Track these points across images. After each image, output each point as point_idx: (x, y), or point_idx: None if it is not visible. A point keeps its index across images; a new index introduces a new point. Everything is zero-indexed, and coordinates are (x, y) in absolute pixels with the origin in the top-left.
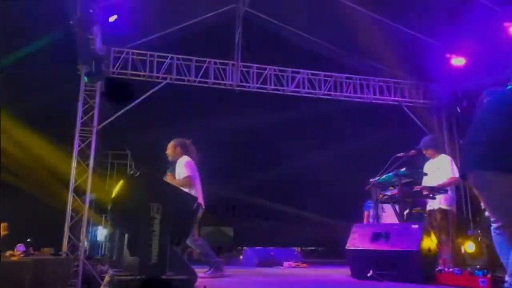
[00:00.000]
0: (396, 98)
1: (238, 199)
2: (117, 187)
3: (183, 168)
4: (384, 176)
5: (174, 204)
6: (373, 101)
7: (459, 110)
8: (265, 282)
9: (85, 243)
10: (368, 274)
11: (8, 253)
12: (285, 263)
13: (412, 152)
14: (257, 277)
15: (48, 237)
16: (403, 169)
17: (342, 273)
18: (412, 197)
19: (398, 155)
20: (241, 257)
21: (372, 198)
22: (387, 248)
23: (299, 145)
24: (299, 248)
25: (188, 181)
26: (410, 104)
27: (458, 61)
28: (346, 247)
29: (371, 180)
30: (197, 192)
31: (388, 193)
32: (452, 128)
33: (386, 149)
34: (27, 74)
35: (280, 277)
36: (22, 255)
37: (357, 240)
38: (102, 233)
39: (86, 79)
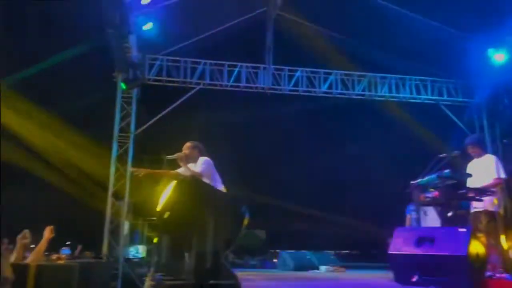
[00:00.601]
0: (434, 97)
1: (270, 201)
2: (167, 192)
3: (199, 166)
4: (426, 178)
5: (225, 208)
6: (410, 100)
7: (501, 108)
8: (305, 286)
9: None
10: (413, 279)
11: (55, 256)
12: (322, 267)
13: (455, 152)
14: (297, 281)
15: (86, 239)
16: (447, 170)
17: (383, 277)
18: (457, 199)
19: (440, 155)
20: (275, 260)
21: (413, 200)
22: (433, 252)
23: (332, 146)
24: (333, 252)
25: (198, 175)
26: (449, 103)
27: (499, 57)
28: (389, 252)
29: (412, 182)
30: None
31: (430, 195)
32: (495, 126)
33: (424, 150)
34: (65, 79)
35: (320, 281)
36: (67, 259)
37: (401, 244)
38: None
39: (123, 86)
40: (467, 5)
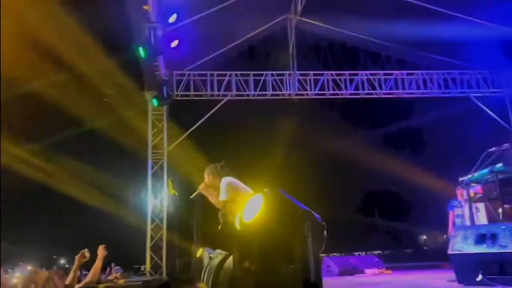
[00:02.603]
0: (463, 90)
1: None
2: (252, 204)
3: (221, 194)
4: (476, 174)
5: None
6: (439, 95)
7: None
8: None
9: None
10: (477, 279)
11: (113, 276)
12: (367, 271)
13: (505, 145)
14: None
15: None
16: (499, 165)
17: (438, 277)
18: (510, 194)
19: (490, 150)
20: None
21: (463, 197)
22: (497, 250)
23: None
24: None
25: (221, 205)
26: (479, 95)
27: None
28: (449, 252)
29: (460, 178)
30: None
31: (473, 190)
32: None
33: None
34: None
35: (372, 285)
36: (120, 276)
37: (461, 244)
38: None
39: (154, 103)
40: None
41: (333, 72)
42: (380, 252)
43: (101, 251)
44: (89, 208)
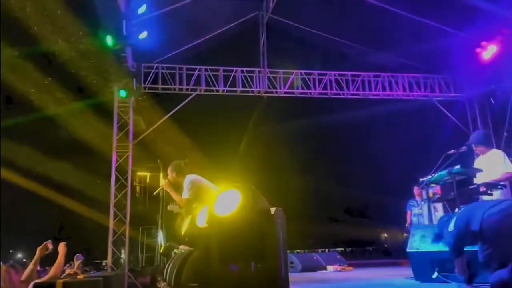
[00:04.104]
0: (426, 93)
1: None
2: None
3: (184, 191)
4: (436, 175)
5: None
6: (403, 97)
7: (493, 101)
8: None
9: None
10: (433, 276)
11: (71, 271)
12: (329, 267)
13: (463, 148)
14: (312, 284)
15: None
16: (457, 167)
17: (397, 275)
18: (468, 195)
19: (449, 152)
20: None
21: (422, 197)
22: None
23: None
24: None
25: (183, 203)
26: (441, 99)
27: (489, 51)
28: (408, 250)
29: (421, 179)
30: None
31: (432, 190)
32: (488, 120)
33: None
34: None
35: (335, 282)
36: (80, 265)
37: (419, 242)
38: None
39: (121, 95)
40: (455, 2)
41: (302, 71)
42: (342, 249)
43: (62, 248)
44: (51, 201)
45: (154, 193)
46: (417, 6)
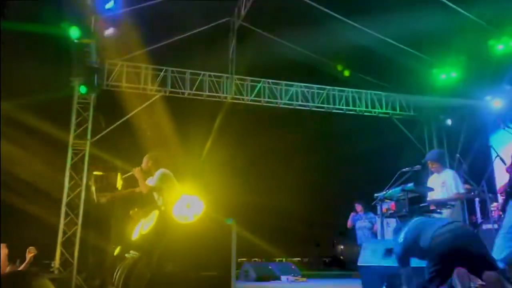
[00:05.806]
0: (387, 111)
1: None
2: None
3: (153, 180)
4: (390, 191)
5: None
6: (365, 113)
7: (449, 123)
8: None
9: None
10: None
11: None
12: (283, 277)
13: (417, 167)
14: None
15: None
16: (410, 184)
17: (346, 287)
18: (419, 212)
19: (403, 170)
20: (237, 270)
21: (377, 212)
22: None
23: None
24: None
25: (146, 190)
26: (400, 117)
27: (447, 74)
28: (359, 264)
29: (376, 194)
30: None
31: (386, 206)
32: (443, 140)
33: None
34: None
35: None
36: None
37: (369, 257)
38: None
39: (81, 90)
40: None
41: (270, 81)
42: (299, 259)
43: (30, 253)
44: None
45: (124, 176)
46: (380, 24)
